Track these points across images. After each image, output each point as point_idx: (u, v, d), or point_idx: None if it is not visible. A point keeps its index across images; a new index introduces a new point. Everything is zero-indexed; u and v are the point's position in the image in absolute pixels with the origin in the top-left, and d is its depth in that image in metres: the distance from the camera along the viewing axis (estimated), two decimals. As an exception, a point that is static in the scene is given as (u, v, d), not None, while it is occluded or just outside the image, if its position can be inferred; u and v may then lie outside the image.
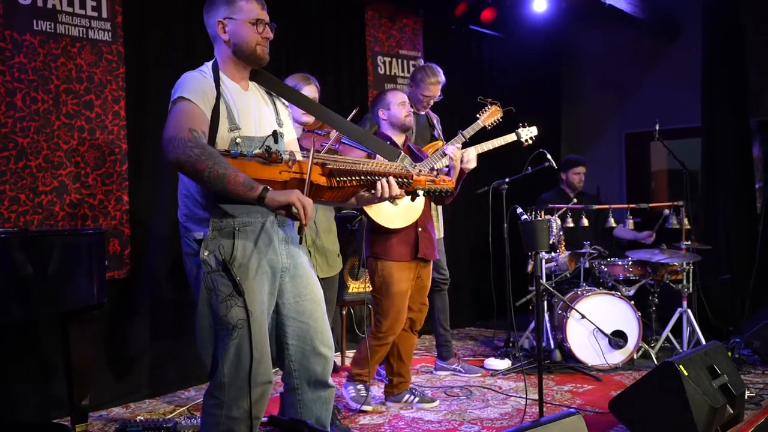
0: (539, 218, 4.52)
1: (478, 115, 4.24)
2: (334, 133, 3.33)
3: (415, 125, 4.41)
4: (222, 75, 2.39)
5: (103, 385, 3.92)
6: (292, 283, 2.45)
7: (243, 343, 2.27)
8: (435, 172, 2.48)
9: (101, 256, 3.26)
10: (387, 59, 5.79)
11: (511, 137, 4.42)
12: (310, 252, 3.28)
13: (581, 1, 5.85)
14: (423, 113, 4.48)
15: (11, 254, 2.81)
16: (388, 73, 5.78)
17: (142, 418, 3.62)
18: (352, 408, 3.81)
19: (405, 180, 2.40)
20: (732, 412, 3.26)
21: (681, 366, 3.05)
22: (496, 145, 4.37)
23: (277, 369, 2.51)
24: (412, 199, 2.49)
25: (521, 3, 6.20)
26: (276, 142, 2.38)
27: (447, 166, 3.76)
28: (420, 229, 3.76)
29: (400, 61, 5.89)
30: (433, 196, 2.53)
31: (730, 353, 3.82)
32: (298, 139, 3.29)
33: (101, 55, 4.00)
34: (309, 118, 3.39)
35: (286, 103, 2.61)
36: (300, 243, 2.38)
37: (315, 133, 3.40)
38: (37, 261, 2.91)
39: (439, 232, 4.51)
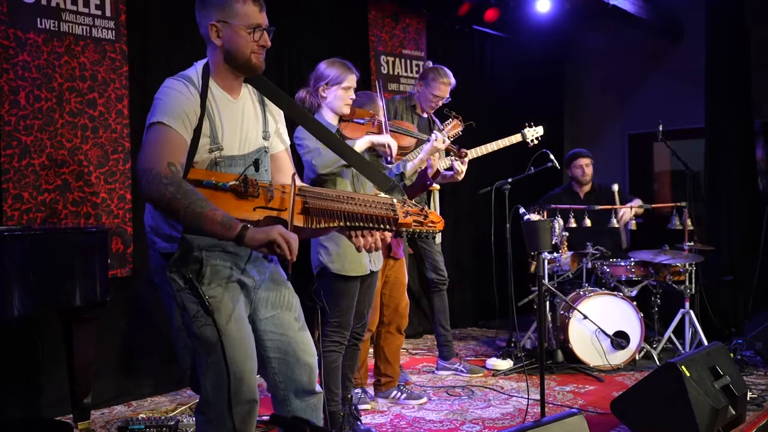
0: (542, 218, 4.51)
1: (441, 127, 4.26)
2: (377, 120, 3.28)
3: (417, 127, 4.40)
4: (212, 82, 2.24)
5: (106, 383, 3.93)
6: (266, 297, 2.36)
7: (220, 362, 2.17)
8: (424, 214, 2.29)
9: (104, 254, 3.27)
10: (390, 59, 5.79)
11: (516, 138, 4.42)
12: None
13: (585, 1, 5.85)
14: (425, 115, 4.48)
15: (14, 252, 2.81)
16: (391, 72, 5.78)
17: (144, 416, 3.62)
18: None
19: (389, 226, 2.22)
20: (734, 413, 3.26)
21: (683, 367, 3.05)
22: (501, 146, 4.37)
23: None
24: (396, 238, 2.32)
25: (525, 3, 6.19)
26: (257, 170, 2.24)
27: (450, 168, 3.78)
28: None
29: (403, 60, 5.89)
30: (419, 238, 2.41)
31: (732, 354, 3.82)
32: (342, 129, 3.28)
33: (105, 53, 4.00)
34: (346, 110, 3.32)
35: (278, 110, 2.43)
36: (288, 280, 2.31)
37: (354, 122, 3.32)
38: (39, 259, 2.91)
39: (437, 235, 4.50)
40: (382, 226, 2.21)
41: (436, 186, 4.33)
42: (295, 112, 2.44)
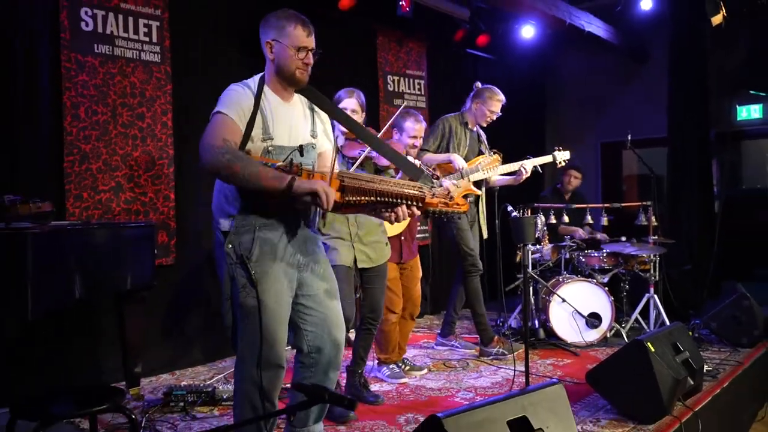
0: (527, 215, 4.51)
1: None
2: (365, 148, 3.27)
3: (468, 140, 4.36)
4: (266, 88, 2.34)
5: (153, 355, 3.96)
6: (311, 278, 2.39)
7: (255, 328, 2.23)
8: (449, 197, 2.32)
9: (151, 245, 3.27)
10: (395, 78, 5.79)
11: (548, 158, 4.51)
12: (353, 246, 3.22)
13: (563, 28, 5.83)
14: (474, 130, 4.43)
15: (76, 243, 2.83)
16: (396, 90, 5.78)
17: (186, 383, 3.65)
18: (391, 382, 3.78)
19: (416, 203, 2.26)
20: (692, 383, 3.27)
21: (648, 343, 3.05)
22: (537, 163, 4.41)
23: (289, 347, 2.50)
24: (425, 218, 2.34)
25: (512, 30, 6.19)
26: (302, 155, 2.28)
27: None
28: (403, 238, 3.73)
29: (406, 79, 5.89)
30: (445, 217, 2.42)
31: (690, 333, 3.81)
32: (342, 147, 3.23)
33: (152, 73, 4.02)
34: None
35: (326, 117, 2.51)
36: (324, 226, 2.34)
37: (357, 141, 3.27)
38: (97, 249, 2.93)
39: (484, 233, 4.43)
40: (410, 202, 2.24)
41: (478, 191, 4.31)
42: (339, 116, 2.54)
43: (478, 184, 4.28)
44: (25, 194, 2.80)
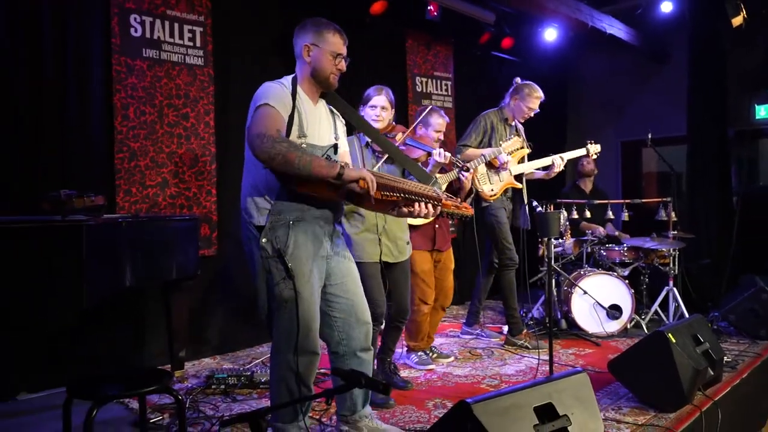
0: (550, 210, 4.45)
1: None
2: (399, 136, 3.23)
3: (510, 134, 4.30)
4: (299, 89, 2.33)
5: (196, 340, 4.00)
6: (338, 267, 2.41)
7: (292, 317, 2.23)
8: (459, 199, 2.46)
9: (195, 237, 3.30)
10: (423, 79, 5.75)
11: (582, 151, 4.45)
12: (380, 239, 3.17)
13: (585, 31, 5.73)
14: (514, 124, 4.33)
15: (126, 235, 2.87)
16: (424, 90, 5.74)
17: (227, 367, 3.67)
18: (419, 369, 3.76)
19: (436, 203, 2.36)
20: (712, 373, 3.19)
21: (670, 334, 2.98)
22: (571, 157, 4.36)
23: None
24: (438, 216, 2.45)
25: (535, 33, 6.10)
26: (335, 153, 2.34)
27: (459, 180, 3.74)
28: (437, 226, 3.71)
29: (434, 81, 5.84)
30: (453, 218, 2.49)
31: (709, 325, 3.72)
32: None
33: (195, 76, 4.05)
34: (380, 125, 3.23)
35: (343, 120, 2.53)
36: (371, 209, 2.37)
37: (385, 136, 3.29)
38: (145, 240, 2.96)
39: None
40: (429, 201, 2.34)
41: (519, 185, 4.24)
42: (358, 122, 2.55)
43: (518, 178, 4.23)
44: (79, 189, 2.84)
